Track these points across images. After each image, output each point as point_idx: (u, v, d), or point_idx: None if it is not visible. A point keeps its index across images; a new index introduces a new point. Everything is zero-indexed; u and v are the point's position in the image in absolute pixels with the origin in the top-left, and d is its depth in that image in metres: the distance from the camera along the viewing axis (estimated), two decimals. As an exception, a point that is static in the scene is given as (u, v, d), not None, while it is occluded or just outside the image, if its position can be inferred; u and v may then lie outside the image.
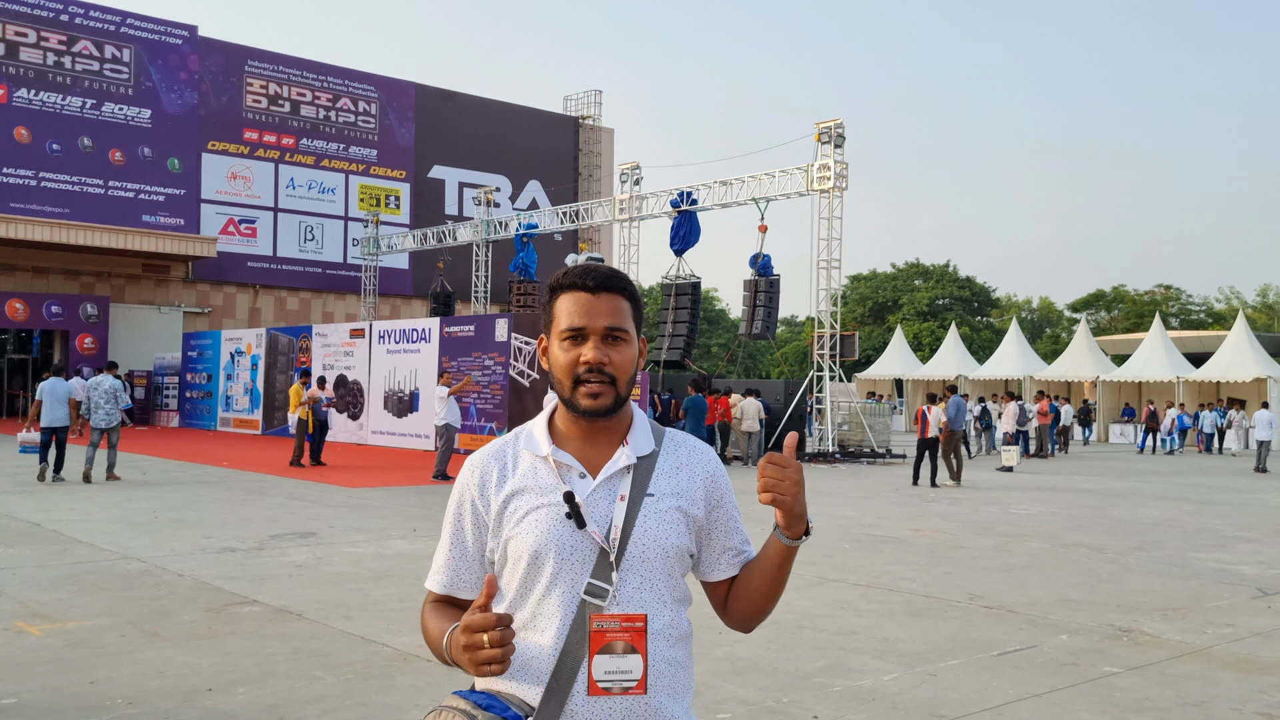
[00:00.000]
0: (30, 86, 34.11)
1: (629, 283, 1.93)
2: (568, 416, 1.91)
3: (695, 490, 1.92)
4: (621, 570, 1.81)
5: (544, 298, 1.97)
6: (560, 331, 1.87)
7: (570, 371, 1.85)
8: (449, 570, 1.94)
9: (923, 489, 17.51)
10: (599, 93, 49.52)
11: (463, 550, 1.93)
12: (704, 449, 1.99)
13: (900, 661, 6.08)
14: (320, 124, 40.78)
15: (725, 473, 2.00)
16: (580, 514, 1.81)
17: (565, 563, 1.81)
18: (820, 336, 24.72)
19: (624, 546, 1.82)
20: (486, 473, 1.92)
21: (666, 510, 1.86)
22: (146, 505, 12.74)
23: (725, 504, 1.97)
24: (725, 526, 1.96)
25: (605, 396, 1.85)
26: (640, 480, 1.87)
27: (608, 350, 1.85)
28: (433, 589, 1.96)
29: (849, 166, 24.35)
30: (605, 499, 1.85)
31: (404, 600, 7.54)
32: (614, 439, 1.91)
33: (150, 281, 37.18)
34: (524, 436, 1.94)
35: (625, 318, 1.89)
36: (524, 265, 31.14)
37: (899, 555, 10.13)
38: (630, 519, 1.83)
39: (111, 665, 5.63)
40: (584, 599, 1.79)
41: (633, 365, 1.89)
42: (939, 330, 59.76)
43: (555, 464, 1.87)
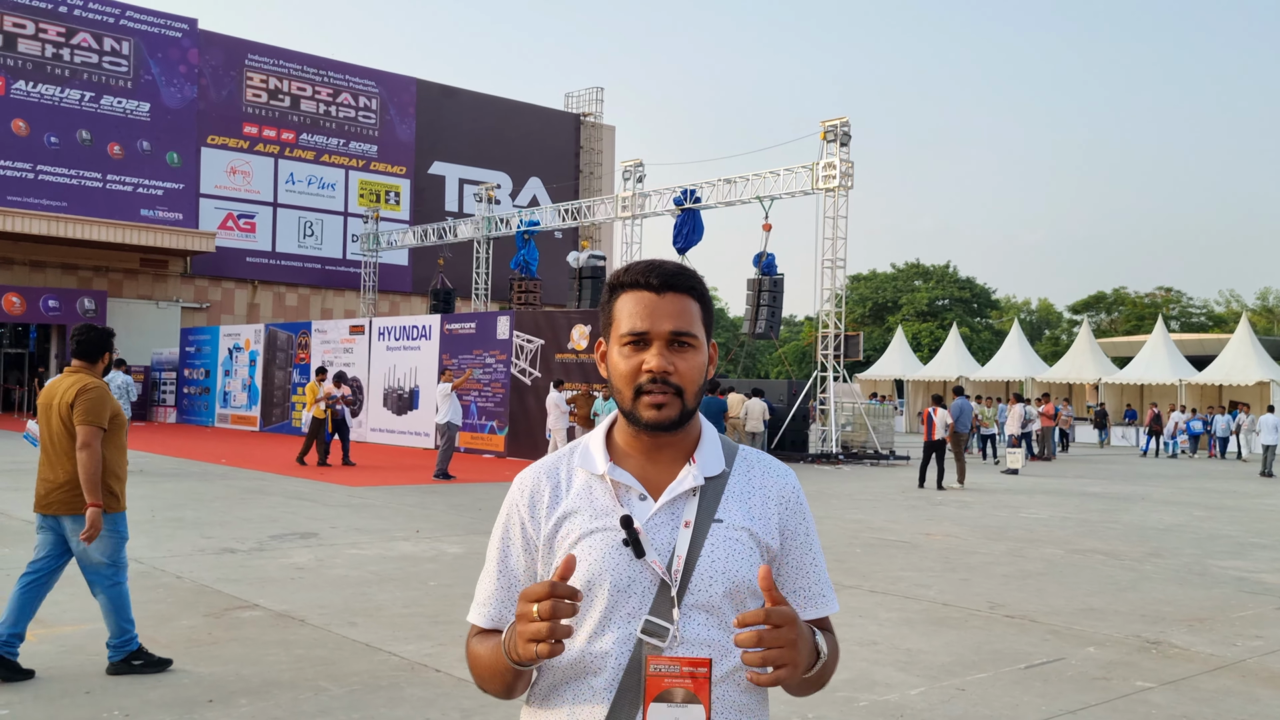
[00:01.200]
0: (28, 78, 33.84)
1: (698, 281, 1.70)
2: (628, 430, 1.69)
3: (769, 516, 1.70)
4: (684, 606, 1.59)
5: (603, 297, 1.74)
6: (620, 336, 1.66)
7: (631, 380, 1.64)
8: (496, 602, 1.70)
9: (929, 491, 17.32)
10: (600, 89, 49.32)
11: (511, 579, 1.70)
12: (781, 470, 1.76)
13: (926, 674, 5.87)
14: (320, 119, 40.53)
15: (805, 499, 1.76)
16: (639, 541, 1.59)
17: (621, 596, 1.59)
18: (824, 336, 24.52)
19: (687, 579, 1.60)
20: (538, 492, 1.70)
21: (737, 539, 1.64)
22: (144, 504, 12.51)
23: (802, 534, 1.74)
24: (800, 562, 1.73)
25: (670, 408, 1.63)
26: (708, 504, 1.65)
27: (673, 357, 1.64)
28: (477, 623, 1.72)
29: (854, 165, 24.15)
30: (668, 525, 1.63)
31: (409, 605, 7.32)
32: (679, 456, 1.69)
33: (148, 276, 36.93)
34: (579, 452, 1.72)
35: (693, 321, 1.67)
36: (525, 263, 30.91)
37: (913, 560, 9.93)
38: (695, 548, 1.61)
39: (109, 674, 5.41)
40: (641, 638, 1.57)
41: (701, 374, 1.67)
42: (939, 331, 59.61)
43: (612, 484, 1.66)
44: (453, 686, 5.41)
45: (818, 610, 1.73)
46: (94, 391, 5.44)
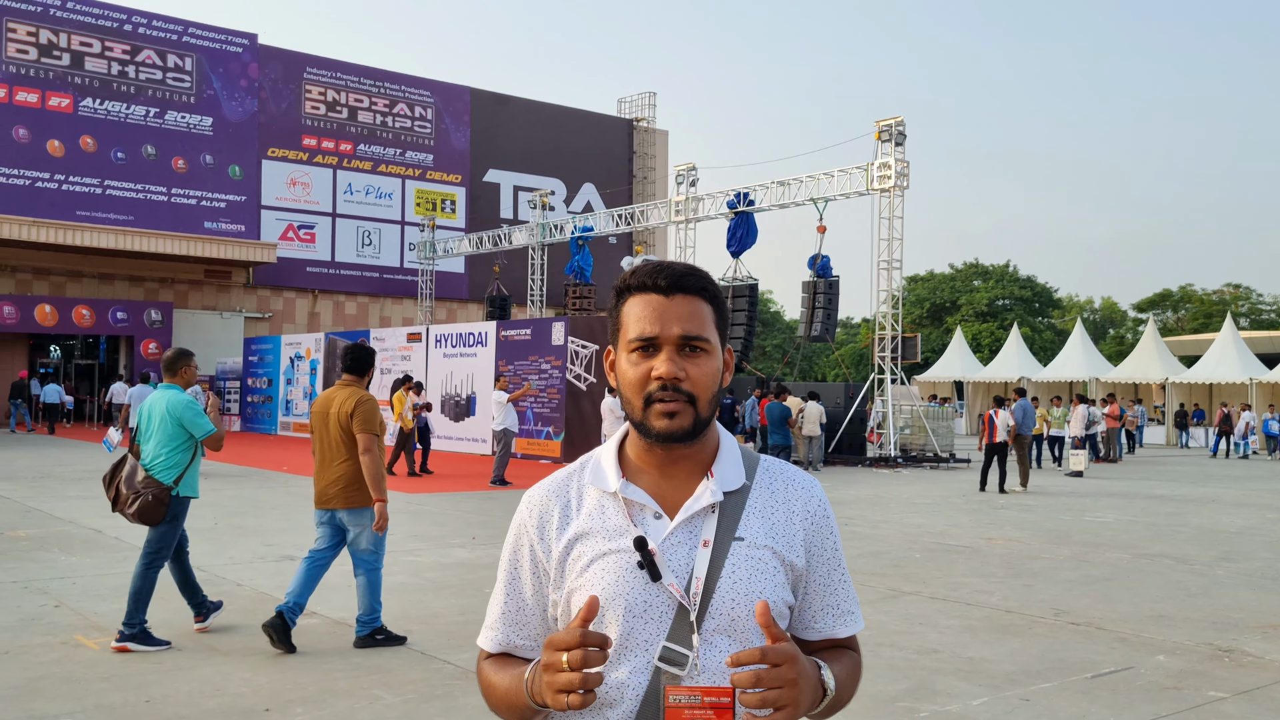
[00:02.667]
0: (95, 96, 34.71)
1: (709, 281, 1.60)
2: (640, 443, 1.60)
3: (794, 533, 1.60)
4: (704, 632, 1.49)
5: (610, 301, 1.65)
6: (628, 341, 1.57)
7: (640, 388, 1.55)
8: (504, 625, 1.64)
9: (991, 495, 17.01)
10: (653, 94, 49.31)
11: (520, 603, 1.63)
12: (807, 482, 1.66)
13: (989, 684, 5.74)
14: (377, 129, 41.05)
15: (831, 512, 1.67)
16: (654, 563, 1.50)
17: (637, 622, 1.50)
18: (881, 338, 24.24)
19: (707, 602, 1.50)
20: (546, 512, 1.62)
21: (759, 558, 1.55)
22: (208, 511, 12.72)
23: (828, 551, 1.64)
24: (827, 580, 1.64)
25: (683, 417, 1.53)
26: (728, 521, 1.56)
27: (684, 363, 1.54)
28: (485, 646, 1.66)
29: (909, 165, 23.86)
30: (685, 544, 1.54)
31: (464, 613, 7.34)
32: (696, 470, 1.59)
33: (212, 287, 37.67)
34: (590, 468, 1.63)
35: (705, 324, 1.57)
36: (579, 268, 31.00)
37: (974, 566, 9.74)
38: (715, 569, 1.52)
39: (169, 682, 5.49)
40: (659, 666, 1.48)
41: (715, 380, 1.57)
42: (999, 331, 58.67)
43: (625, 502, 1.57)
44: (507, 695, 5.39)
45: (846, 628, 1.65)
46: (370, 403, 6.27)
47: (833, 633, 1.64)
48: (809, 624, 1.64)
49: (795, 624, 1.64)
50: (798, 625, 1.64)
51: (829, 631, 1.64)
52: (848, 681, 1.61)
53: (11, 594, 7.64)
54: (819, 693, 1.48)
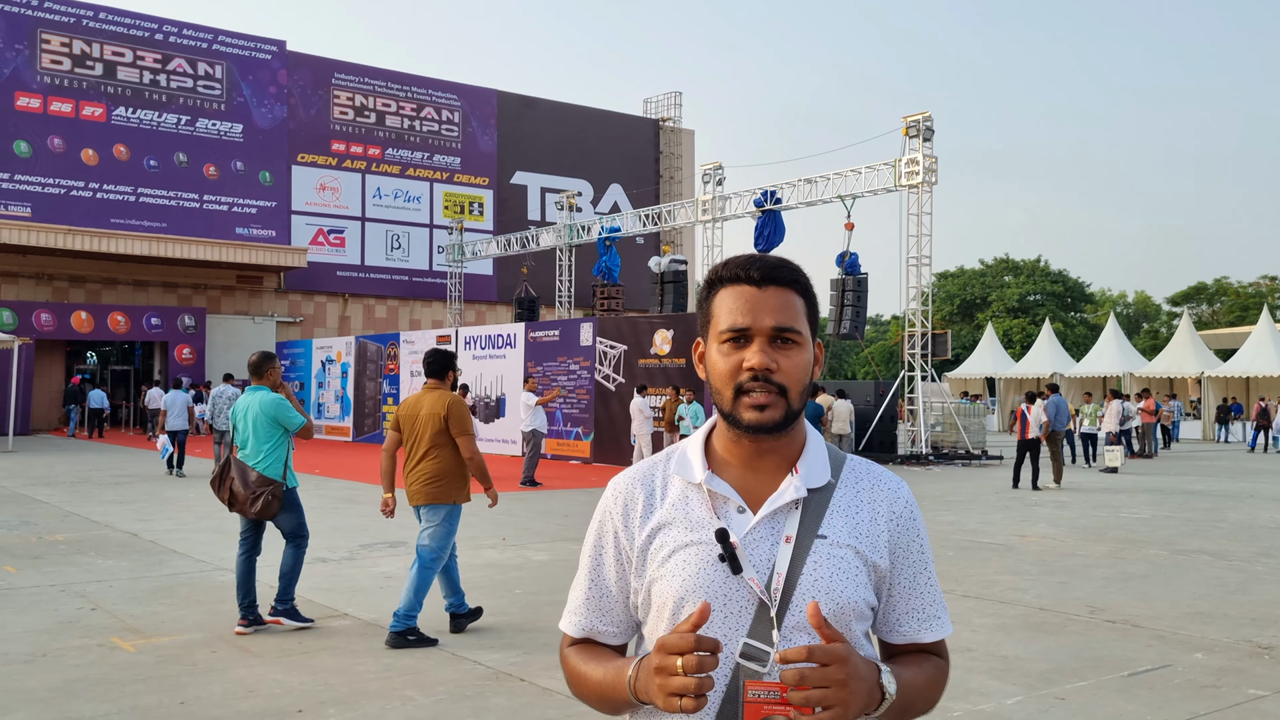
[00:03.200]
0: (128, 105, 35.12)
1: (801, 274, 1.59)
2: (728, 435, 1.59)
3: (878, 533, 1.58)
4: (785, 628, 1.48)
5: (701, 294, 1.64)
6: (719, 333, 1.56)
7: (731, 380, 1.54)
8: (586, 610, 1.65)
9: (1024, 492, 16.86)
10: (679, 94, 49.25)
11: (602, 589, 1.64)
12: (893, 482, 1.64)
13: (1023, 683, 5.67)
14: (405, 134, 41.27)
15: (919, 514, 1.65)
16: (735, 557, 1.49)
17: (716, 616, 1.49)
18: (911, 335, 24.08)
19: (788, 599, 1.49)
20: (631, 500, 1.63)
21: (841, 557, 1.53)
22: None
23: (914, 553, 1.62)
24: (912, 582, 1.61)
25: (774, 409, 1.52)
26: (811, 518, 1.54)
27: (776, 355, 1.53)
28: (568, 631, 1.67)
29: (938, 160, 23.69)
30: (767, 540, 1.53)
31: (495, 613, 7.35)
32: (782, 465, 1.58)
33: (244, 292, 38.01)
34: (676, 458, 1.63)
35: (797, 316, 1.56)
36: (607, 269, 31.02)
37: (1008, 563, 9.65)
38: (797, 566, 1.50)
39: (203, 684, 5.53)
40: (739, 662, 1.47)
41: (806, 373, 1.56)
42: (1030, 327, 58.20)
43: (709, 494, 1.57)
44: (538, 696, 5.40)
45: (932, 633, 1.62)
46: (461, 404, 6.74)
47: (917, 637, 1.61)
48: (893, 627, 1.62)
49: (879, 626, 1.63)
50: (882, 628, 1.63)
51: (913, 635, 1.61)
52: (923, 687, 1.57)
53: (49, 597, 7.74)
54: (875, 695, 1.44)
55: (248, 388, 7.09)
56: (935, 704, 1.62)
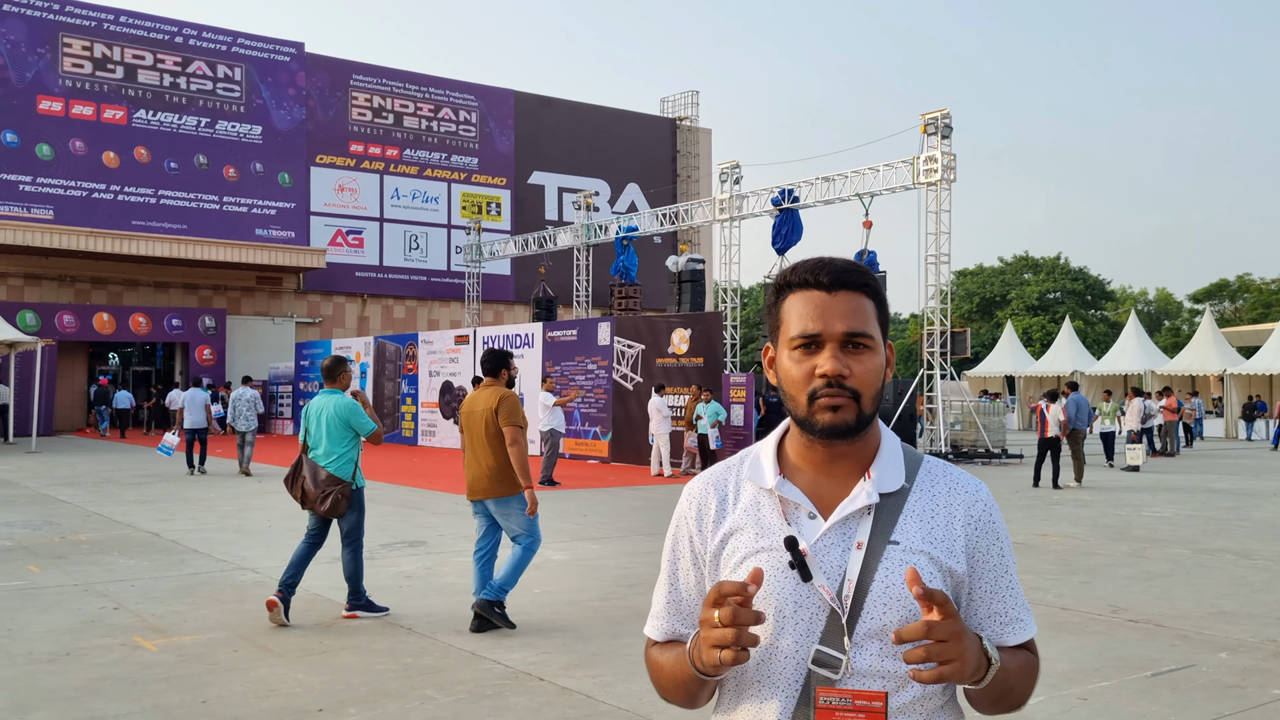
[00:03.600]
0: (148, 107, 35.36)
1: (871, 277, 1.59)
2: (800, 440, 1.59)
3: (954, 538, 1.56)
4: (856, 636, 1.48)
5: (769, 299, 1.64)
6: (790, 339, 1.56)
7: (804, 386, 1.54)
8: (668, 614, 1.67)
9: (1045, 490, 16.76)
10: (696, 93, 49.21)
11: (680, 594, 1.66)
12: (971, 485, 1.62)
13: (1045, 683, 5.63)
14: (423, 134, 41.40)
15: (999, 516, 1.62)
16: (805, 564, 1.48)
17: (788, 623, 1.50)
18: (929, 334, 23.99)
19: (859, 606, 1.48)
20: (704, 504, 1.63)
21: (915, 563, 1.52)
22: (261, 515, 12.91)
23: (994, 556, 1.60)
24: (993, 586, 1.59)
25: (847, 412, 1.52)
26: (884, 524, 1.53)
27: (848, 360, 1.53)
28: (652, 635, 1.69)
29: (956, 158, 23.57)
30: (838, 546, 1.52)
31: (514, 613, 7.35)
32: (855, 469, 1.58)
33: (264, 293, 38.21)
34: (749, 462, 1.63)
35: (868, 320, 1.55)
36: (624, 268, 31.02)
37: (1028, 563, 9.59)
38: (868, 573, 1.50)
39: (224, 683, 5.56)
40: (811, 669, 1.48)
41: (879, 377, 1.56)
42: (1050, 325, 57.88)
43: (780, 500, 1.56)
44: (557, 695, 5.40)
45: (1015, 636, 1.60)
46: (512, 398, 6.93)
47: (1000, 640, 1.60)
48: (976, 631, 1.59)
49: None
50: None
51: (997, 639, 1.59)
52: (1019, 672, 1.57)
53: (72, 596, 7.80)
54: (982, 660, 1.44)
55: (321, 390, 7.43)
56: (1029, 696, 1.61)
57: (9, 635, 6.60)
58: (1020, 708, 1.60)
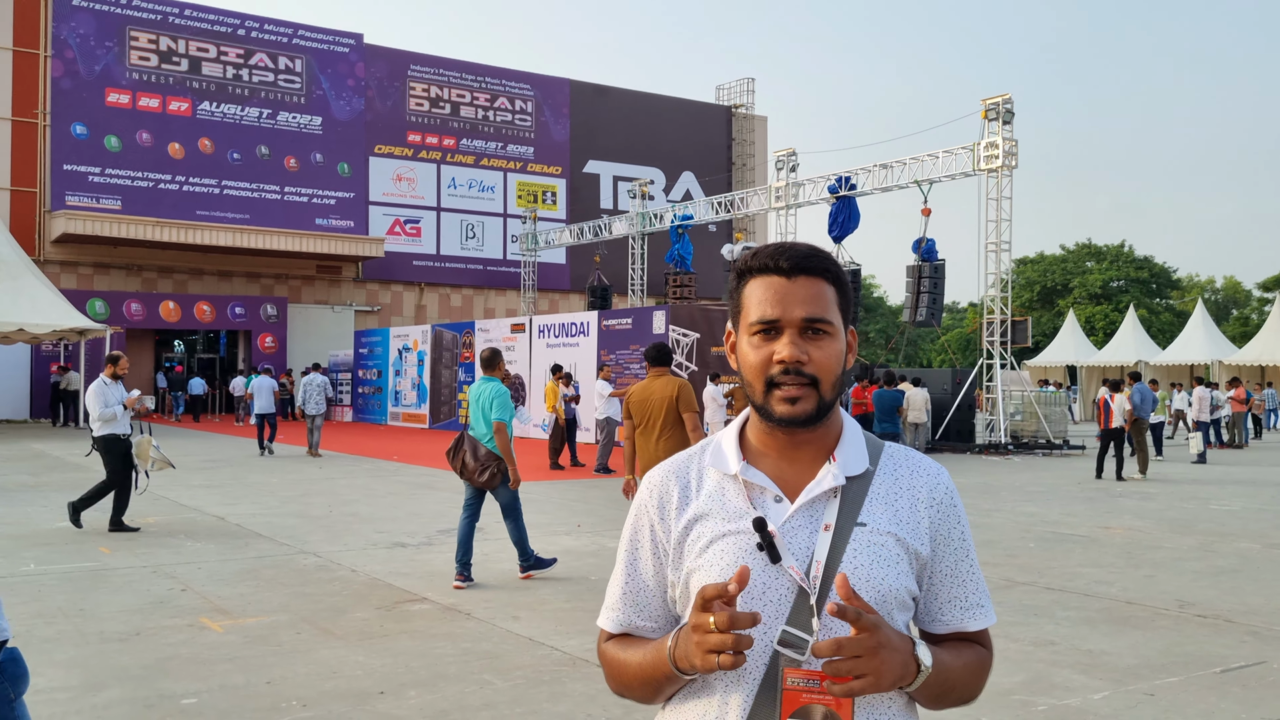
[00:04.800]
0: (212, 99, 36.00)
1: (832, 262, 1.56)
2: (761, 427, 1.58)
3: (919, 520, 1.55)
4: (825, 617, 1.45)
5: (730, 283, 1.63)
6: (750, 324, 1.55)
7: (762, 372, 1.52)
8: (624, 606, 1.63)
9: (1108, 482, 16.45)
10: (751, 80, 48.90)
11: (639, 583, 1.62)
12: (932, 469, 1.61)
13: (1110, 678, 5.54)
14: (479, 124, 41.65)
15: (959, 500, 1.61)
16: (774, 545, 1.47)
17: (755, 604, 1.47)
18: (989, 323, 23.64)
19: (827, 587, 1.46)
20: (666, 493, 1.61)
21: (882, 544, 1.51)
22: (322, 500, 13.11)
23: (955, 539, 1.58)
24: (954, 570, 1.58)
25: (805, 401, 1.50)
26: (850, 506, 1.52)
27: (807, 346, 1.51)
28: (606, 627, 1.65)
29: (1018, 144, 23.18)
30: (806, 528, 1.50)
31: (571, 599, 7.40)
32: (819, 455, 1.56)
33: (324, 282, 38.76)
34: (710, 450, 1.61)
35: (828, 306, 1.54)
36: (679, 257, 30.97)
37: (1091, 556, 9.43)
38: (836, 553, 1.48)
39: (288, 664, 5.66)
40: (777, 650, 1.46)
41: (839, 363, 1.54)
42: (1114, 314, 56.74)
43: (745, 484, 1.55)
44: (614, 682, 5.42)
45: (976, 622, 1.58)
46: (689, 388, 7.57)
47: (960, 625, 1.58)
48: (935, 616, 1.59)
49: (921, 616, 1.60)
50: (924, 617, 1.60)
51: (956, 624, 1.58)
52: (963, 671, 1.54)
53: (141, 577, 7.99)
54: (910, 667, 1.42)
55: (481, 378, 8.33)
56: (978, 693, 1.59)
57: (82, 615, 6.78)
58: (968, 703, 1.58)
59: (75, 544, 9.53)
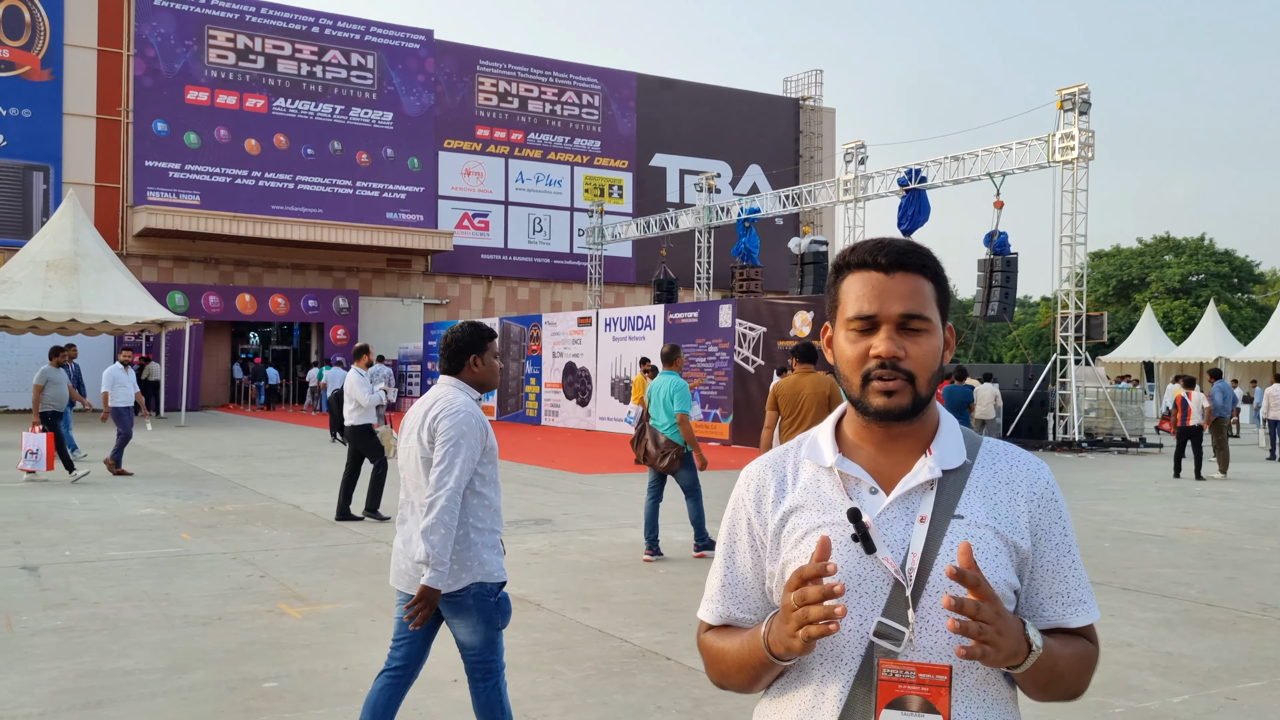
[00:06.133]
0: (287, 96, 36.72)
1: (932, 258, 1.58)
2: (858, 421, 1.60)
3: (1018, 514, 1.55)
4: (921, 609, 1.47)
5: (829, 278, 1.65)
6: (847, 320, 1.56)
7: (859, 366, 1.54)
8: (724, 598, 1.65)
9: (1186, 481, 16.06)
10: (819, 72, 48.47)
11: (738, 575, 1.65)
12: (1033, 463, 1.61)
13: (1189, 681, 5.43)
14: (546, 118, 41.90)
15: (1060, 495, 1.61)
16: (869, 536, 1.48)
17: (851, 595, 1.48)
18: (1063, 317, 23.19)
19: (924, 579, 1.47)
20: (763, 485, 1.63)
21: (980, 537, 1.50)
22: (395, 490, 13.33)
23: (1057, 534, 1.58)
24: (1055, 564, 1.57)
25: (901, 395, 1.52)
26: (946, 499, 1.52)
27: (904, 341, 1.53)
28: (706, 619, 1.68)
29: (1094, 134, 22.68)
30: (902, 520, 1.52)
31: (639, 593, 7.45)
32: (915, 448, 1.57)
33: (394, 275, 39.35)
34: (807, 444, 1.63)
35: (926, 302, 1.55)
36: (746, 250, 30.85)
37: (1169, 556, 9.23)
38: (933, 546, 1.49)
39: (364, 650, 5.79)
40: (873, 641, 1.47)
41: (935, 359, 1.55)
42: (1193, 309, 55.26)
43: (841, 475, 1.56)
44: (683, 675, 5.45)
45: (1079, 618, 1.57)
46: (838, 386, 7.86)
47: (1062, 621, 1.58)
48: (1037, 610, 1.58)
49: (1022, 610, 1.60)
50: (1025, 612, 1.59)
51: (1058, 620, 1.58)
52: (1071, 660, 1.54)
53: (222, 564, 8.22)
54: (1022, 645, 1.43)
55: (661, 372, 9.07)
56: (1085, 687, 1.58)
57: (167, 599, 7.00)
58: (1076, 697, 1.57)
59: (159, 530, 9.82)
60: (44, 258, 25.05)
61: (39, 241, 25.95)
